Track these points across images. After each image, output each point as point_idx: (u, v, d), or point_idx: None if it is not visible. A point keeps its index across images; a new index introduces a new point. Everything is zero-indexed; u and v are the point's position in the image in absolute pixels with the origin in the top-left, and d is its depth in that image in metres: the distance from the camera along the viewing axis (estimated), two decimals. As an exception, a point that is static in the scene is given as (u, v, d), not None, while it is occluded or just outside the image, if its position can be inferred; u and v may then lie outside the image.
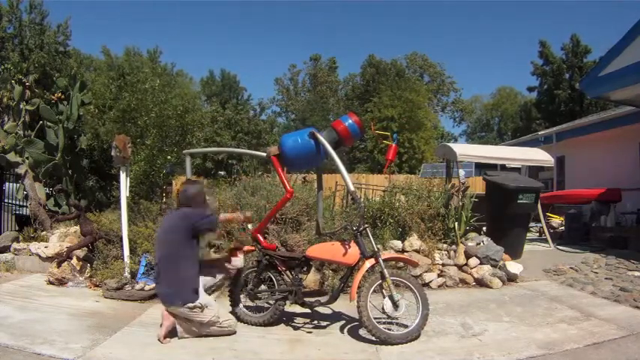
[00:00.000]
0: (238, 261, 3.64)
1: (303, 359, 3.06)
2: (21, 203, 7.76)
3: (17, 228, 7.19)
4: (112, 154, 4.87)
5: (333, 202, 7.25)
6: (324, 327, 3.69)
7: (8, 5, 14.11)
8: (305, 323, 3.77)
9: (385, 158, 11.29)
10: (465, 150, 10.00)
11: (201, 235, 3.47)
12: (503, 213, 6.47)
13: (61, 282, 4.85)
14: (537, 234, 9.03)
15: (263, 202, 5.19)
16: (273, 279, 3.76)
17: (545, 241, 7.87)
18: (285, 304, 3.72)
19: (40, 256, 5.42)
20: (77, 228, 5.52)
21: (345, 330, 3.60)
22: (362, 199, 6.37)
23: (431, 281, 5.01)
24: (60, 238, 5.69)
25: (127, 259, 4.70)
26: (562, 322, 3.73)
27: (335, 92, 37.16)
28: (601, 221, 8.65)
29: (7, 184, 7.74)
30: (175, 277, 3.31)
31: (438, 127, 35.06)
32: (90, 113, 8.15)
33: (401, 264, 4.76)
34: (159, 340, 3.27)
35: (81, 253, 5.08)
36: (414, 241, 5.28)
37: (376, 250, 3.43)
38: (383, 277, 3.36)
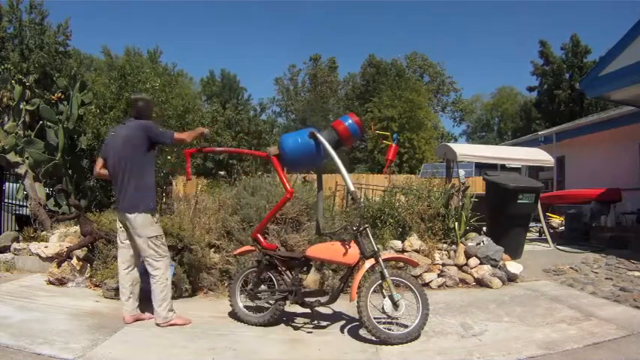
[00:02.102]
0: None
1: (303, 359, 3.07)
2: (21, 203, 7.76)
3: (17, 228, 7.18)
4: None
5: (333, 202, 7.25)
6: (324, 327, 3.70)
7: (8, 5, 14.07)
8: (305, 323, 3.78)
9: (385, 158, 11.28)
10: (465, 150, 10.00)
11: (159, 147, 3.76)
12: (503, 213, 6.47)
13: (61, 282, 4.85)
14: (537, 234, 9.03)
15: (263, 202, 5.19)
16: (273, 279, 3.76)
17: (545, 241, 7.87)
18: (285, 304, 3.72)
19: (40, 256, 5.42)
20: (77, 228, 5.51)
21: (345, 330, 3.60)
22: (362, 199, 6.38)
23: (431, 281, 5.01)
24: (60, 238, 5.68)
25: (127, 259, 4.68)
26: (562, 322, 3.73)
27: (335, 92, 37.16)
28: (601, 221, 8.66)
29: (7, 184, 7.73)
30: (137, 186, 3.55)
31: (438, 127, 35.07)
32: (91, 113, 8.15)
33: (401, 264, 4.76)
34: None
35: (81, 253, 5.08)
36: (414, 241, 5.28)
37: (376, 250, 3.43)
38: (383, 277, 3.35)
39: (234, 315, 3.83)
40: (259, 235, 3.84)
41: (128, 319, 3.65)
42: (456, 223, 5.67)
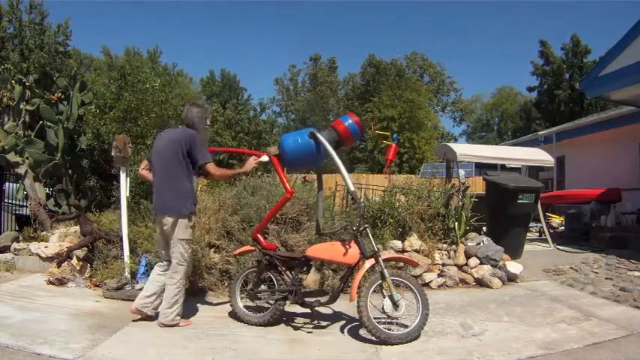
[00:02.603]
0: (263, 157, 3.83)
1: (303, 359, 3.06)
2: (21, 203, 7.76)
3: (17, 228, 7.18)
4: (112, 154, 4.86)
5: (333, 202, 7.25)
6: (324, 327, 3.70)
7: (8, 5, 14.09)
8: (305, 323, 3.78)
9: (385, 158, 11.29)
10: (465, 150, 10.00)
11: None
12: (503, 213, 6.47)
13: (61, 282, 4.85)
14: (537, 234, 9.03)
15: (263, 202, 5.19)
16: (273, 279, 3.76)
17: (545, 241, 7.87)
18: (285, 304, 3.72)
19: (40, 256, 5.42)
20: (77, 228, 5.51)
21: (345, 330, 3.60)
22: (362, 199, 6.38)
23: (431, 281, 5.01)
24: (60, 238, 5.68)
25: (127, 259, 4.69)
26: (562, 322, 3.73)
27: (335, 92, 37.15)
28: (601, 221, 8.66)
29: (7, 184, 7.73)
30: (175, 190, 3.56)
31: (438, 127, 35.07)
32: (91, 113, 8.15)
33: (401, 264, 4.76)
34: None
35: (81, 253, 5.08)
36: (414, 241, 5.28)
37: (376, 250, 3.43)
38: (383, 277, 3.35)
39: (234, 315, 3.83)
40: (259, 235, 3.84)
41: (134, 310, 3.65)
42: (456, 223, 5.67)
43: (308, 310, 3.74)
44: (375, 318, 3.28)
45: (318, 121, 26.62)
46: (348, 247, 3.46)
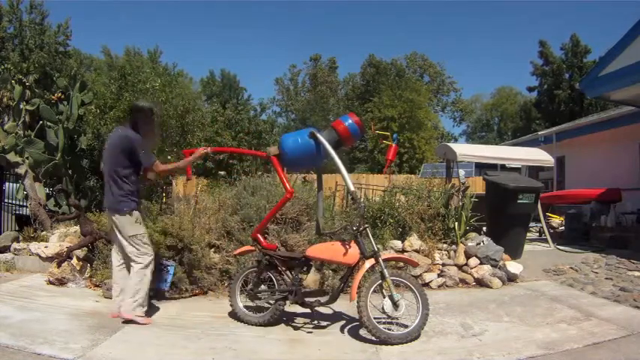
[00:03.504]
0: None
1: (303, 359, 3.06)
2: (21, 203, 7.76)
3: (17, 228, 7.18)
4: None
5: (333, 202, 7.25)
6: (324, 327, 3.70)
7: (8, 5, 14.10)
8: (305, 323, 3.78)
9: (385, 158, 11.29)
10: (465, 150, 10.00)
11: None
12: (503, 213, 6.47)
13: (61, 282, 4.85)
14: (537, 234, 9.03)
15: (263, 202, 5.19)
16: (273, 279, 3.76)
17: (545, 241, 7.87)
18: (285, 304, 3.72)
19: (40, 256, 5.42)
20: (77, 228, 5.51)
21: (345, 330, 3.60)
22: (362, 199, 6.37)
23: (431, 281, 5.01)
24: (60, 238, 5.68)
25: (127, 259, 4.69)
26: (562, 322, 3.73)
27: (335, 92, 37.16)
28: (601, 221, 8.66)
29: (7, 184, 7.73)
30: (118, 190, 3.67)
31: (438, 127, 35.09)
32: (91, 113, 8.15)
33: (401, 264, 4.76)
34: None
35: (81, 253, 5.08)
36: (414, 241, 5.28)
37: (376, 250, 3.43)
38: (383, 277, 3.35)
39: (234, 315, 3.83)
40: (259, 235, 3.84)
41: (114, 315, 3.69)
42: (456, 223, 5.66)
43: (308, 310, 3.74)
44: (375, 318, 3.28)
45: (318, 121, 26.65)
46: (348, 247, 3.46)
